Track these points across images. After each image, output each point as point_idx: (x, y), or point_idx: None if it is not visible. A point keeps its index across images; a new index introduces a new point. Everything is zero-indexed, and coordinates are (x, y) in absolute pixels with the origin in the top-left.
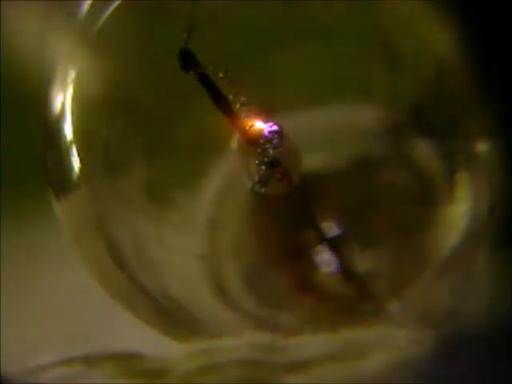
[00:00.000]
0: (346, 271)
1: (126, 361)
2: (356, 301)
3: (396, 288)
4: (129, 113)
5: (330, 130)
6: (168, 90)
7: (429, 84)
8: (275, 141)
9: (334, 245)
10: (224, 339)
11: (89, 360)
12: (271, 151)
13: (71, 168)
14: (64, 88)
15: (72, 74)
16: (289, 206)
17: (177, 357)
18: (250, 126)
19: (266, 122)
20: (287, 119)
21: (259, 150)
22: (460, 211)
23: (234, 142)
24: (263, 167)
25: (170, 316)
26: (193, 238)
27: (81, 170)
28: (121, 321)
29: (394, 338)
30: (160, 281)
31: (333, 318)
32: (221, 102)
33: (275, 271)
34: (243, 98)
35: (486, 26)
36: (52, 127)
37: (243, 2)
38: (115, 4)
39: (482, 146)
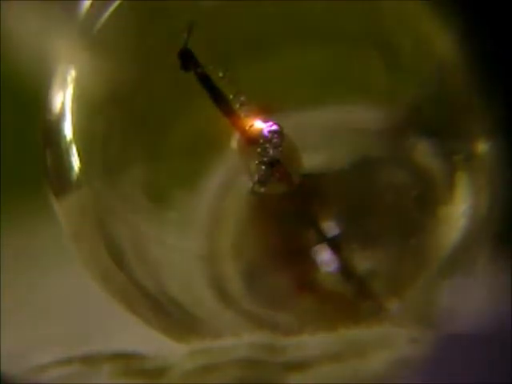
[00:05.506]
0: (346, 271)
1: (126, 361)
2: (356, 301)
3: (396, 288)
4: (129, 113)
5: (329, 130)
6: (168, 90)
7: (429, 84)
8: (275, 140)
9: (334, 245)
10: (224, 339)
11: (89, 360)
12: (271, 151)
13: (71, 168)
14: (64, 88)
15: (72, 74)
16: (289, 206)
17: (177, 357)
18: (250, 126)
19: (265, 121)
20: (287, 119)
21: (259, 150)
22: (460, 211)
23: (234, 142)
24: (263, 167)
25: (170, 316)
26: (193, 237)
27: (81, 169)
28: (121, 321)
29: (394, 338)
30: (160, 281)
31: (333, 317)
32: (221, 102)
33: (275, 271)
34: (243, 98)
35: (487, 25)
36: (52, 127)
37: (243, 1)
38: (115, 4)
39: (481, 146)
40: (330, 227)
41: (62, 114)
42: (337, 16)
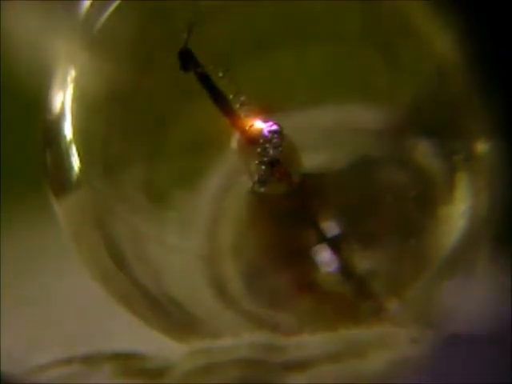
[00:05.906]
0: (346, 271)
1: (126, 361)
2: (356, 301)
3: (396, 288)
4: (129, 113)
5: (329, 130)
6: (168, 90)
7: (429, 84)
8: (275, 140)
9: (334, 245)
10: (224, 339)
11: (89, 360)
12: (271, 151)
13: (71, 168)
14: (64, 88)
15: (72, 74)
16: (289, 206)
17: (177, 357)
18: (250, 126)
19: (265, 121)
20: (287, 119)
21: (259, 150)
22: (460, 211)
23: (234, 142)
24: (263, 167)
25: (170, 316)
26: (193, 237)
27: (81, 169)
28: (121, 321)
29: (394, 338)
30: (160, 281)
31: (333, 317)
32: (221, 102)
33: (275, 271)
34: (243, 98)
35: (487, 25)
36: (52, 127)
37: (242, 1)
38: (115, 4)
39: (481, 146)
40: (330, 227)
41: (62, 114)
42: (337, 16)
